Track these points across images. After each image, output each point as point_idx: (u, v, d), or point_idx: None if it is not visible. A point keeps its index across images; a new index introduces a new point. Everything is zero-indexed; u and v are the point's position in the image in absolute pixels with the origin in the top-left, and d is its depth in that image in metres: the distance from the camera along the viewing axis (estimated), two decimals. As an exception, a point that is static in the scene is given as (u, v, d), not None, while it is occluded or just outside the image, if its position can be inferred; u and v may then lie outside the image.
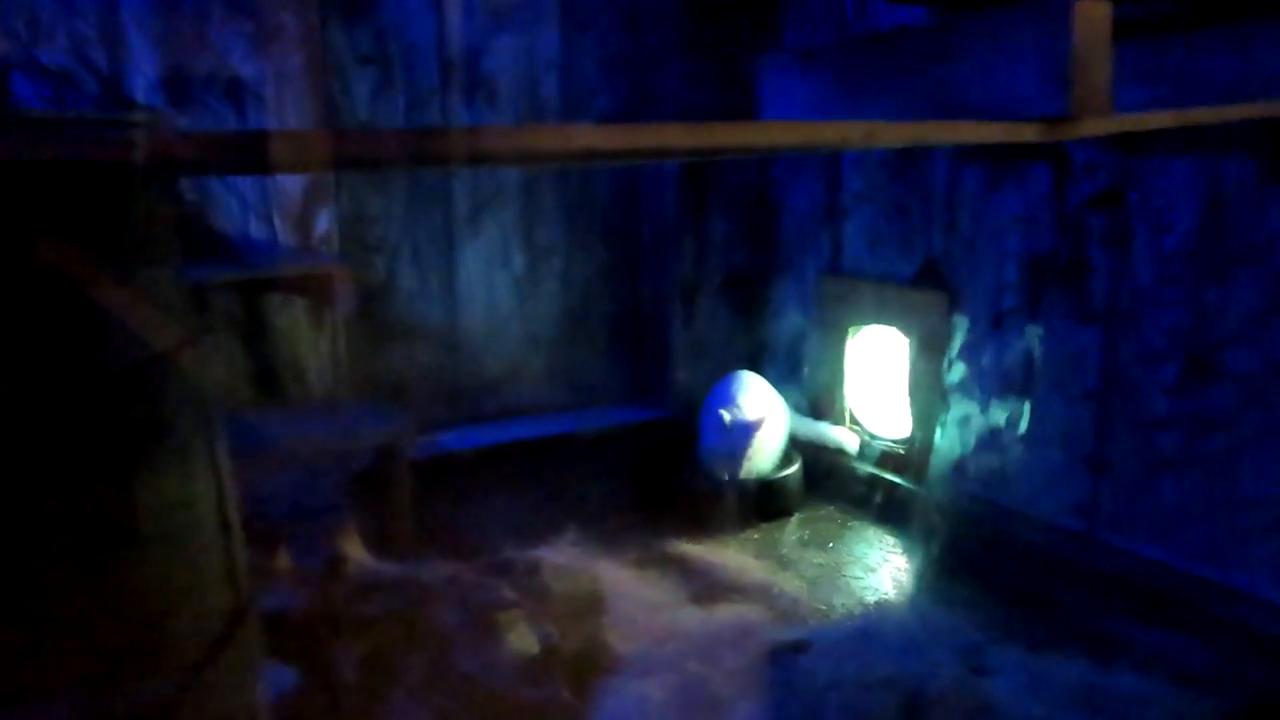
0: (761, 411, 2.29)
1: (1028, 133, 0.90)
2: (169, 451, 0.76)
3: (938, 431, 2.20)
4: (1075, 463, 1.91)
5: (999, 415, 2.06)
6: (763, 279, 2.70)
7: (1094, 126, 0.90)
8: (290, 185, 2.20)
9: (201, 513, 0.79)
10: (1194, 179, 1.67)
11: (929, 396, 2.21)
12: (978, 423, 2.11)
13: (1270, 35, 1.38)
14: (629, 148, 0.85)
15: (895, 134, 0.95)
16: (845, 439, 2.43)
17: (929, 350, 2.20)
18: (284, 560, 1.49)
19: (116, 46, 2.04)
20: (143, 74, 2.06)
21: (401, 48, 2.36)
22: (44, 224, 0.73)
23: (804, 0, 2.44)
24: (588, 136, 0.83)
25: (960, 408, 2.15)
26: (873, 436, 2.43)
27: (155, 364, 0.78)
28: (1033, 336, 1.98)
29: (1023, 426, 2.01)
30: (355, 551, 1.57)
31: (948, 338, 2.15)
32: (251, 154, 0.76)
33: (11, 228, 0.71)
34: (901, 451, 2.32)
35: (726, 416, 2.25)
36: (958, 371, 2.15)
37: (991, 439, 2.09)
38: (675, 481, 2.42)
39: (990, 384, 2.08)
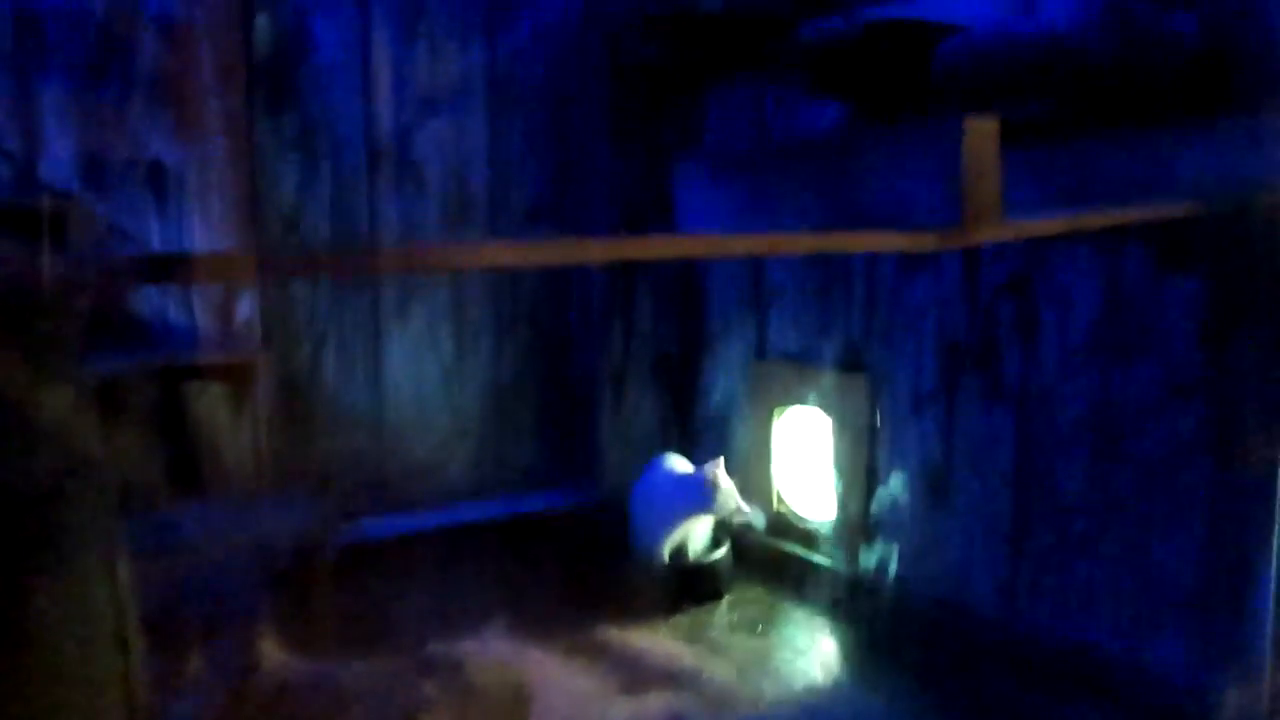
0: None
1: (925, 242, 0.94)
2: (61, 562, 0.74)
3: (864, 513, 2.22)
4: (995, 545, 1.95)
5: (922, 497, 2.10)
6: (691, 362, 2.73)
7: (985, 234, 0.95)
8: (211, 274, 2.18)
9: (95, 627, 0.77)
10: (1094, 268, 1.75)
11: (854, 478, 2.24)
12: (902, 504, 2.15)
13: (1152, 141, 1.47)
14: (544, 262, 0.86)
15: (799, 244, 0.98)
16: (750, 513, 2.43)
17: (852, 432, 2.23)
18: (196, 664, 1.44)
19: (32, 131, 2.02)
20: (58, 159, 2.05)
21: (329, 135, 2.38)
22: None
23: (724, 96, 2.52)
24: (505, 255, 0.85)
25: (885, 489, 2.18)
26: (800, 518, 2.45)
27: (51, 471, 0.76)
28: (950, 419, 2.03)
29: (943, 507, 2.05)
30: (271, 652, 1.52)
31: (870, 420, 2.20)
32: (174, 277, 0.76)
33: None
34: (829, 532, 2.34)
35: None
36: (881, 453, 2.19)
37: (915, 521, 2.12)
38: (605, 566, 2.40)
39: (913, 466, 2.12)
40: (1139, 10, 1.54)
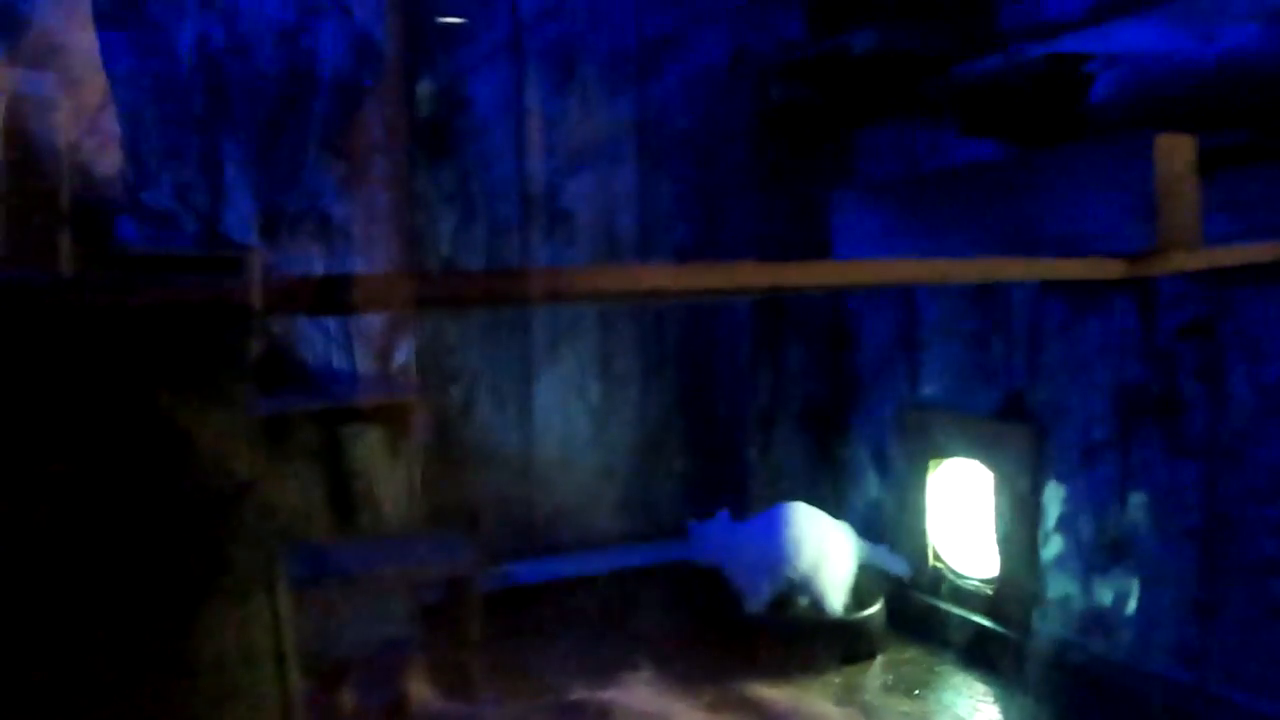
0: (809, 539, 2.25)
1: (1111, 269, 0.87)
2: (228, 586, 0.76)
3: (1027, 571, 2.09)
4: (1180, 607, 1.79)
5: (1092, 554, 1.95)
6: (840, 410, 2.66)
7: (1181, 261, 0.87)
8: (371, 317, 2.27)
9: (258, 652, 0.78)
10: (1292, 309, 1.60)
11: (1016, 533, 2.11)
12: (1070, 562, 2.00)
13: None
14: (700, 287, 0.84)
15: (970, 271, 0.93)
16: (893, 564, 2.34)
17: (1015, 485, 2.11)
18: (347, 698, 1.46)
19: (216, 189, 2.17)
20: (238, 213, 2.18)
21: (484, 186, 2.46)
22: (149, 352, 0.75)
23: (875, 134, 2.48)
24: (659, 277, 0.83)
25: (1050, 545, 2.04)
26: (958, 575, 2.32)
27: (223, 497, 0.78)
28: (1126, 472, 1.88)
29: (1119, 566, 1.90)
30: (419, 690, 1.53)
31: (1034, 472, 2.07)
32: (340, 296, 0.79)
33: (130, 357, 0.73)
34: (990, 592, 2.20)
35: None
36: (1046, 507, 2.05)
37: (1086, 579, 1.97)
38: (752, 618, 2.33)
39: (1082, 520, 1.98)
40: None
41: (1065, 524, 2.02)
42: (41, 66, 1.75)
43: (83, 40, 1.83)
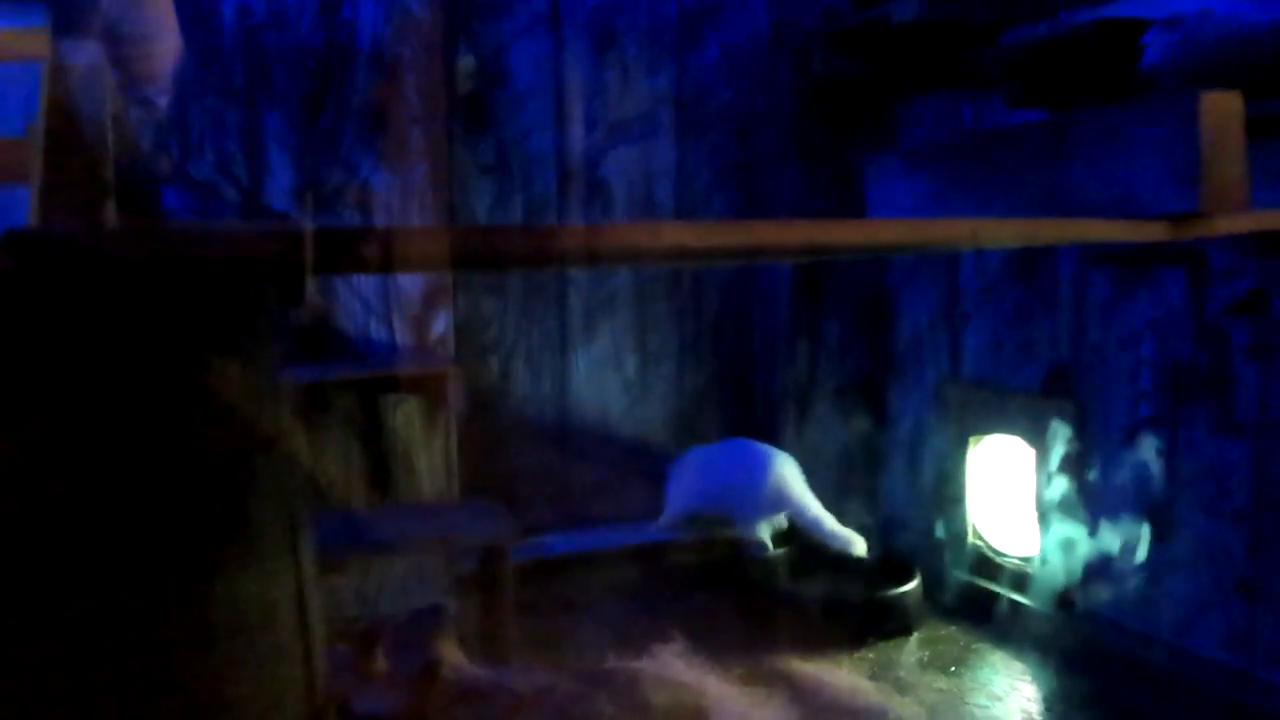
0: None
1: (1153, 231, 0.84)
2: (249, 548, 0.76)
3: (1069, 550, 2.05)
4: (1226, 589, 1.75)
5: (1137, 534, 1.92)
6: (879, 385, 2.63)
7: (1228, 225, 0.84)
8: (410, 288, 2.29)
9: (280, 613, 0.78)
10: (1349, 283, 1.55)
11: (1058, 512, 2.07)
12: (1114, 541, 1.97)
13: None
14: (727, 247, 0.83)
15: (1004, 232, 0.90)
16: (850, 538, 2.34)
17: (1057, 463, 2.07)
18: (380, 661, 1.48)
19: (257, 161, 2.19)
20: (279, 185, 2.20)
21: (522, 158, 2.45)
22: (171, 305, 0.75)
23: (918, 106, 2.43)
24: (686, 235, 0.82)
25: (1094, 524, 2.01)
26: (997, 553, 2.29)
27: (244, 457, 0.79)
28: (1171, 450, 1.84)
29: (1165, 547, 1.86)
30: (453, 655, 1.55)
31: (1077, 450, 2.03)
32: (377, 250, 0.79)
33: (151, 310, 0.74)
34: (1030, 571, 2.17)
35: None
36: (1090, 486, 2.01)
37: (1129, 559, 1.93)
38: (786, 592, 2.33)
39: (1126, 499, 1.94)
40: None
41: (1108, 502, 1.98)
42: (108, 35, 1.77)
43: (155, 10, 1.85)
